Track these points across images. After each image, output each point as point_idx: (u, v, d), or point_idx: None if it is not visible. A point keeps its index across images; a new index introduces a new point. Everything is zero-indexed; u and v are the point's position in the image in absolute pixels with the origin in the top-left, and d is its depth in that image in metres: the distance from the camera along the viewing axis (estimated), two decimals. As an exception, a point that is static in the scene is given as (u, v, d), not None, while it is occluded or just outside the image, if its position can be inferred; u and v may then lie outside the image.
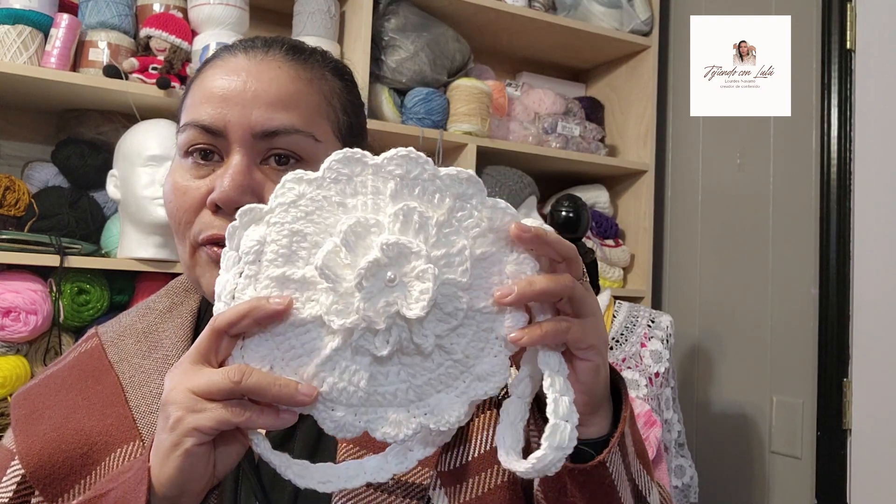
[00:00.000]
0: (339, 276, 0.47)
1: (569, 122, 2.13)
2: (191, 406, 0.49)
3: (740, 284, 2.01)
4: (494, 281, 0.50)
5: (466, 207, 0.49)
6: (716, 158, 2.13)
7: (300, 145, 0.64)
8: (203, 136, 0.64)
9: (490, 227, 0.49)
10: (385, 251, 0.47)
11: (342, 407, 0.49)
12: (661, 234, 2.27)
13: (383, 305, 0.47)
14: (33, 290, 1.48)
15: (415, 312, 0.47)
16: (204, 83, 0.66)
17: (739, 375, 2.00)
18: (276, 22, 1.94)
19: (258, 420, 0.49)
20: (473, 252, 0.49)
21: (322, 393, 0.49)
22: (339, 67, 0.72)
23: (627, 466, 0.59)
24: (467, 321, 0.50)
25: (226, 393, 0.48)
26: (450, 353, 0.50)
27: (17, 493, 0.67)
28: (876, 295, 1.69)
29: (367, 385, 0.49)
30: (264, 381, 0.48)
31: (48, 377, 0.74)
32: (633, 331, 1.65)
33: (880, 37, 1.72)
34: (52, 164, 1.68)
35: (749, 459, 1.95)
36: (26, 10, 1.53)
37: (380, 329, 0.48)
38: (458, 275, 0.48)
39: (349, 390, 0.49)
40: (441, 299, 0.48)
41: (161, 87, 1.58)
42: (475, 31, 2.10)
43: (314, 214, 0.49)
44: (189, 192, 0.64)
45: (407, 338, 0.48)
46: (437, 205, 0.49)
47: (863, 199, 1.73)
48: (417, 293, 0.47)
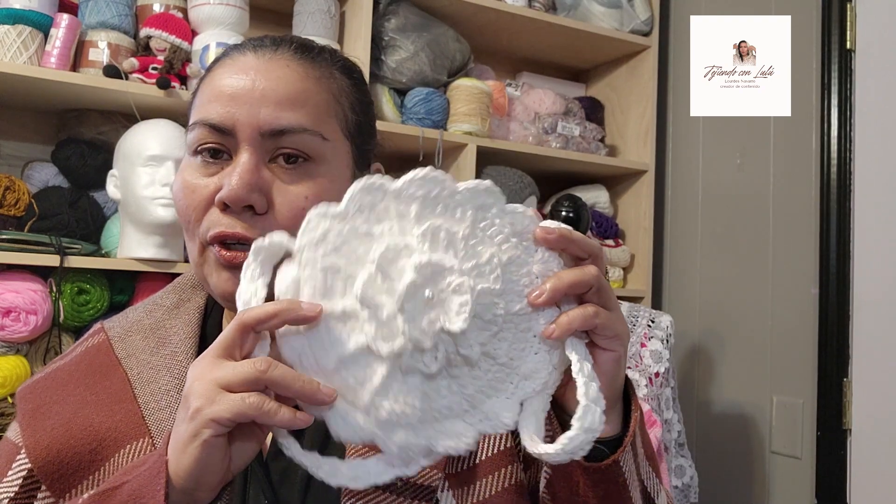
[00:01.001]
0: (378, 303, 0.48)
1: (569, 122, 2.13)
2: (211, 397, 0.49)
3: (740, 284, 2.01)
4: (525, 283, 0.52)
5: (488, 217, 0.51)
6: (716, 158, 2.13)
7: (308, 144, 0.64)
8: (212, 135, 0.64)
9: (513, 232, 0.51)
10: (419, 271, 0.48)
11: (401, 429, 0.50)
12: (661, 234, 2.27)
13: (427, 324, 0.49)
14: (33, 290, 1.48)
15: (458, 325, 0.48)
16: (213, 82, 0.66)
17: (739, 375, 2.00)
18: (276, 22, 1.94)
19: (276, 415, 0.49)
20: (501, 258, 0.51)
21: (381, 420, 0.49)
22: (347, 66, 0.72)
23: (638, 467, 0.59)
24: (506, 325, 0.51)
25: (250, 382, 0.49)
26: (495, 359, 0.52)
27: (23, 487, 0.67)
28: (876, 295, 1.69)
29: (422, 403, 0.50)
30: (289, 374, 0.49)
31: (54, 371, 0.74)
32: (634, 331, 1.65)
33: (880, 37, 1.72)
34: (52, 164, 1.68)
35: (749, 459, 1.95)
36: (26, 10, 1.53)
37: (427, 347, 0.49)
38: (491, 282, 0.50)
39: (406, 412, 0.50)
40: (479, 308, 0.50)
41: (161, 87, 1.58)
42: (475, 31, 2.10)
43: (343, 247, 0.50)
44: (198, 191, 0.65)
45: (453, 351, 0.50)
46: (461, 219, 0.50)
47: (863, 199, 1.73)
48: (457, 307, 0.49)
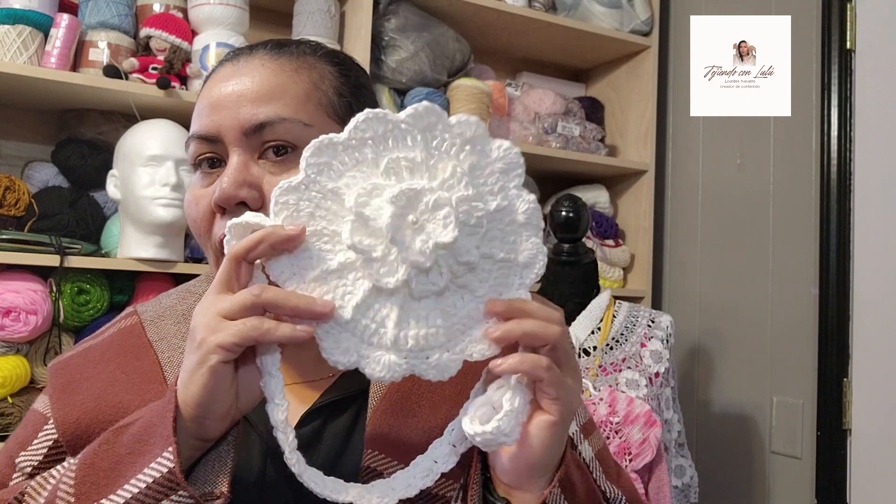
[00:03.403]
0: (370, 245, 0.50)
1: (569, 122, 2.13)
2: (214, 327, 0.52)
3: (740, 284, 2.01)
4: (491, 181, 0.54)
5: (437, 135, 0.53)
6: (716, 158, 2.13)
7: (291, 133, 0.65)
8: (203, 146, 0.67)
9: (464, 141, 0.53)
10: (396, 202, 0.50)
11: (434, 351, 0.53)
12: (661, 234, 2.27)
13: (420, 245, 0.50)
14: (33, 290, 1.48)
15: (450, 236, 0.50)
16: (200, 99, 0.69)
17: (739, 375, 2.00)
18: (276, 22, 1.94)
19: (277, 331, 0.51)
20: (463, 167, 0.52)
21: (412, 349, 0.52)
22: (330, 53, 0.72)
23: None
24: (491, 224, 0.53)
25: (248, 308, 0.51)
26: (493, 257, 0.54)
27: (47, 456, 0.68)
28: (876, 295, 1.69)
29: (444, 320, 0.52)
30: (283, 293, 0.51)
31: (87, 349, 0.75)
32: (633, 331, 1.65)
33: (880, 37, 1.72)
34: (52, 164, 1.68)
35: (749, 459, 1.95)
36: (26, 10, 1.53)
37: (428, 267, 0.51)
38: (463, 189, 0.52)
39: (432, 333, 0.52)
40: (462, 216, 0.51)
41: (161, 87, 1.58)
42: (475, 31, 2.10)
43: (317, 211, 0.52)
44: (201, 202, 0.67)
45: (454, 262, 0.52)
46: (413, 145, 0.52)
47: (863, 199, 1.73)
48: (442, 220, 0.50)
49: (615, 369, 1.53)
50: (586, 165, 2.16)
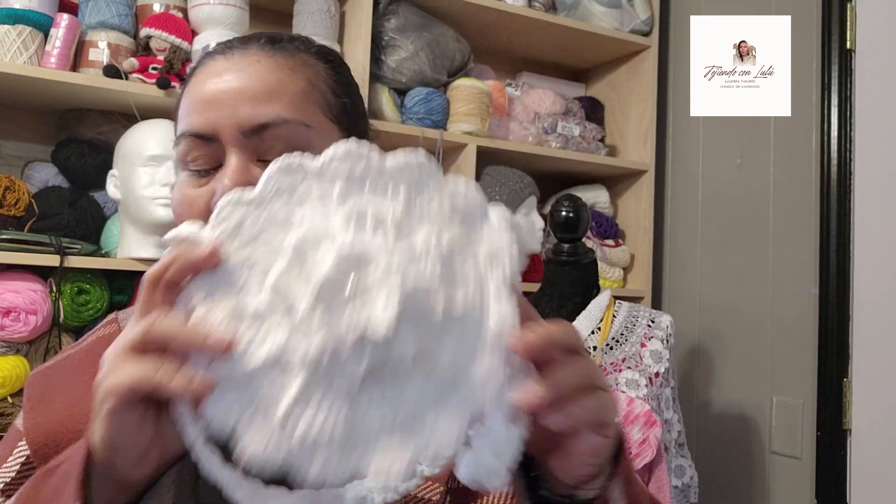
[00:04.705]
0: (293, 299, 0.42)
1: (569, 122, 2.13)
2: (112, 366, 0.45)
3: (740, 284, 2.01)
4: (470, 267, 0.44)
5: (424, 192, 0.44)
6: (716, 158, 2.13)
7: (293, 134, 0.62)
8: (197, 145, 0.63)
9: (452, 208, 0.44)
10: (339, 260, 0.42)
11: (322, 451, 0.42)
12: (661, 234, 2.27)
13: (347, 321, 0.41)
14: (33, 290, 1.48)
15: (384, 325, 0.41)
16: (190, 93, 0.65)
17: (739, 375, 2.00)
18: (276, 22, 1.94)
19: (168, 385, 0.43)
20: (439, 238, 0.43)
21: (297, 439, 0.42)
22: (322, 51, 0.71)
23: None
24: (448, 322, 0.43)
25: (137, 346, 0.45)
26: (435, 363, 0.43)
27: (19, 473, 0.66)
28: (876, 295, 1.69)
29: (348, 418, 0.42)
30: (174, 327, 0.44)
31: (64, 359, 0.73)
32: (633, 331, 1.65)
33: (880, 37, 1.72)
34: (52, 164, 1.68)
35: (749, 459, 1.95)
36: (26, 10, 1.53)
37: (348, 352, 0.41)
38: (428, 266, 0.42)
39: (327, 429, 0.42)
40: (414, 300, 0.42)
41: (161, 87, 1.58)
42: (475, 31, 2.10)
43: (260, 237, 0.44)
44: (194, 203, 0.63)
45: (382, 354, 0.42)
46: (391, 198, 0.44)
47: (863, 199, 1.73)
48: (384, 300, 0.41)
49: (615, 369, 1.53)
50: (586, 165, 2.16)
